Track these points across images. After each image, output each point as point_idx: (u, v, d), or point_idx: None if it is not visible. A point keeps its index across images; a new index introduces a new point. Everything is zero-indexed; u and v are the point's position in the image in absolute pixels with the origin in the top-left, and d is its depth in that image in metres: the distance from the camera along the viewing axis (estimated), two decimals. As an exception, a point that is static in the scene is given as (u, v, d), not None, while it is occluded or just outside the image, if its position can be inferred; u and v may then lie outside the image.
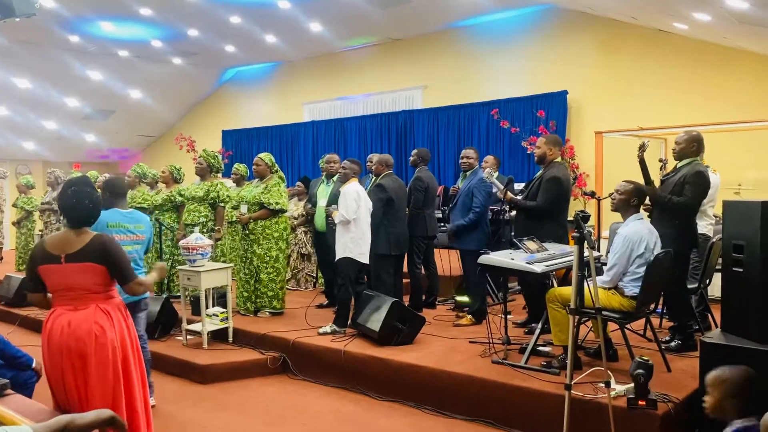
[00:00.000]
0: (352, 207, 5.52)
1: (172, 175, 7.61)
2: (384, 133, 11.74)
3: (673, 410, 3.67)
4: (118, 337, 3.08)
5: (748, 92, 7.91)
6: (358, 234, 5.57)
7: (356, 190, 5.60)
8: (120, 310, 3.17)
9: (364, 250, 5.59)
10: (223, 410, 4.60)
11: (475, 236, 5.84)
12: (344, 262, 5.59)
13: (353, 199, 5.53)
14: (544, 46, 9.92)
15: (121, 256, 3.12)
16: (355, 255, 5.56)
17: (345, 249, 5.59)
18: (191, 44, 11.66)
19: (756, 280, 3.69)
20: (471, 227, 5.83)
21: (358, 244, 5.56)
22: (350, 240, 5.57)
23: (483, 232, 5.89)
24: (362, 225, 5.59)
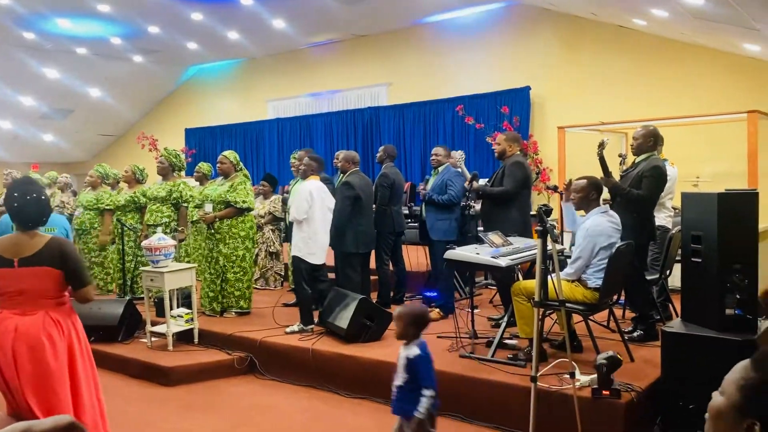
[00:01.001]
0: (302, 207, 5.48)
1: (135, 175, 7.46)
2: (350, 129, 11.72)
3: (636, 399, 3.74)
4: (66, 344, 3.00)
5: (706, 87, 8.11)
6: (309, 234, 5.54)
7: (309, 190, 5.54)
8: (70, 316, 3.09)
9: (314, 251, 5.57)
10: (189, 412, 4.53)
11: (451, 227, 5.95)
12: (296, 261, 5.62)
13: (304, 198, 5.49)
14: (507, 43, 10.01)
15: (80, 260, 3.04)
16: (303, 255, 5.54)
17: (296, 248, 5.60)
18: (152, 41, 11.46)
19: (713, 270, 3.79)
20: (447, 216, 5.91)
21: (308, 244, 5.54)
22: (300, 240, 5.55)
23: (459, 223, 5.99)
24: (315, 225, 5.55)
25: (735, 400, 1.26)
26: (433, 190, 6.05)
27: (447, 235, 5.94)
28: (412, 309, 3.30)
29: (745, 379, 1.26)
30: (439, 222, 6.00)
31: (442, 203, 5.96)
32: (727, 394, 1.28)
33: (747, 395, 1.24)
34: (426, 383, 3.07)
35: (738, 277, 3.74)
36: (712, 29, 6.88)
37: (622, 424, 3.61)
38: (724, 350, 3.57)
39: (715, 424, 1.31)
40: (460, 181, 6.02)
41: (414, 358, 3.13)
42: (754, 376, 1.25)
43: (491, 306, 6.47)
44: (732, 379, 1.29)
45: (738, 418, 1.25)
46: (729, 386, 1.29)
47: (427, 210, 6.17)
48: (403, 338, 3.21)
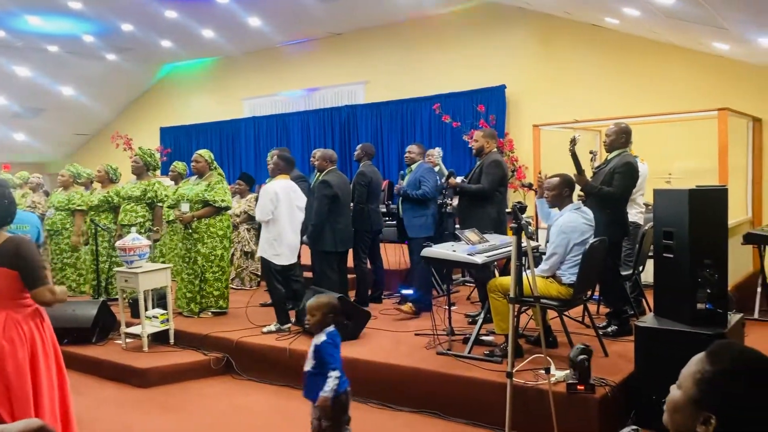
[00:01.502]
0: (267, 207, 5.45)
1: (108, 174, 7.36)
2: (327, 128, 11.69)
3: (611, 393, 3.79)
4: (28, 347, 2.95)
5: (677, 85, 8.23)
6: (274, 235, 5.51)
7: (275, 190, 5.49)
8: (33, 319, 3.03)
9: (279, 252, 5.54)
10: (165, 413, 4.49)
11: (427, 223, 5.99)
12: (264, 261, 5.62)
13: (269, 199, 5.46)
14: (483, 41, 10.05)
15: (34, 259, 2.96)
16: (269, 256, 5.52)
17: (262, 249, 5.59)
18: (125, 39, 11.30)
19: (685, 265, 3.85)
20: (422, 212, 5.94)
21: (273, 245, 5.52)
22: (266, 241, 5.53)
23: (435, 220, 6.03)
24: (280, 226, 5.51)
25: (691, 393, 1.27)
26: (408, 187, 6.08)
27: (423, 231, 5.98)
28: (327, 300, 3.44)
29: (701, 373, 1.27)
30: (415, 219, 6.05)
31: (416, 198, 6.00)
32: (684, 387, 1.29)
33: (702, 388, 1.25)
34: (332, 366, 3.23)
35: (709, 272, 3.81)
36: (682, 28, 6.98)
37: (597, 419, 3.66)
38: (696, 344, 3.56)
39: (673, 418, 1.32)
40: (433, 176, 6.08)
41: (321, 344, 3.30)
42: (710, 369, 1.26)
43: (469, 303, 6.51)
44: (688, 373, 1.30)
45: (694, 411, 1.26)
46: (686, 380, 1.30)
47: (404, 208, 6.20)
48: (320, 329, 3.35)
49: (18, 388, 2.90)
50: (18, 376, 2.90)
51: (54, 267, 7.74)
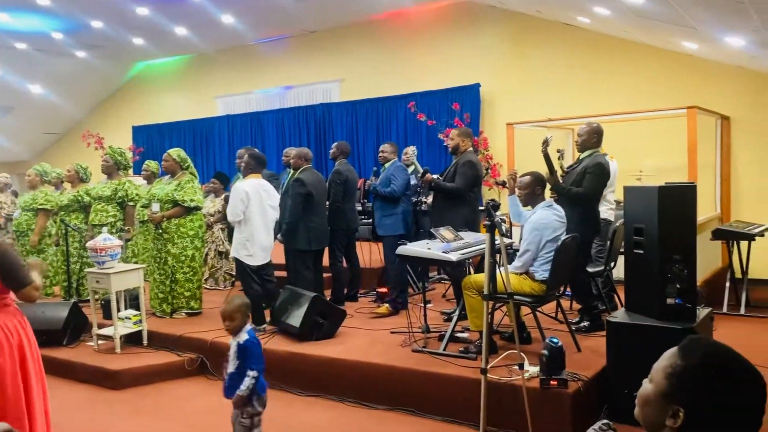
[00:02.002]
0: (237, 208, 5.41)
1: (78, 174, 7.24)
2: (302, 126, 11.64)
3: (583, 388, 3.84)
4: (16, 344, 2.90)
5: (647, 83, 8.35)
6: (246, 235, 5.48)
7: (245, 189, 5.45)
8: (16, 317, 2.99)
9: (251, 252, 5.51)
10: (138, 415, 4.44)
11: (397, 222, 5.99)
12: (237, 262, 5.60)
13: (239, 199, 5.42)
14: (457, 40, 10.10)
15: (13, 260, 2.92)
16: (242, 256, 5.49)
17: (235, 249, 5.57)
18: (95, 37, 11.13)
19: (655, 261, 3.92)
20: (392, 211, 5.95)
21: (245, 245, 5.49)
22: (238, 241, 5.50)
23: (405, 218, 6.03)
24: (252, 225, 5.47)
25: (662, 387, 1.29)
26: (379, 184, 6.09)
27: (393, 229, 6.00)
28: (241, 301, 3.45)
29: (672, 367, 1.28)
30: (385, 217, 6.06)
31: (385, 195, 6.00)
32: (655, 381, 1.31)
33: (673, 382, 1.27)
34: (253, 366, 3.29)
35: (678, 268, 3.88)
36: (652, 27, 7.09)
37: (570, 413, 3.70)
38: (666, 338, 3.66)
39: (643, 411, 1.33)
40: (403, 175, 6.09)
41: (245, 343, 3.34)
42: (681, 363, 1.28)
43: (444, 300, 6.54)
44: (660, 367, 1.31)
45: (664, 405, 1.27)
46: (657, 374, 1.31)
47: (375, 206, 6.21)
48: (238, 331, 3.37)
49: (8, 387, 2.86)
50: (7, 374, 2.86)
51: (21, 269, 7.59)
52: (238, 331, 3.38)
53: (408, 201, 6.17)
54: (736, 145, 7.99)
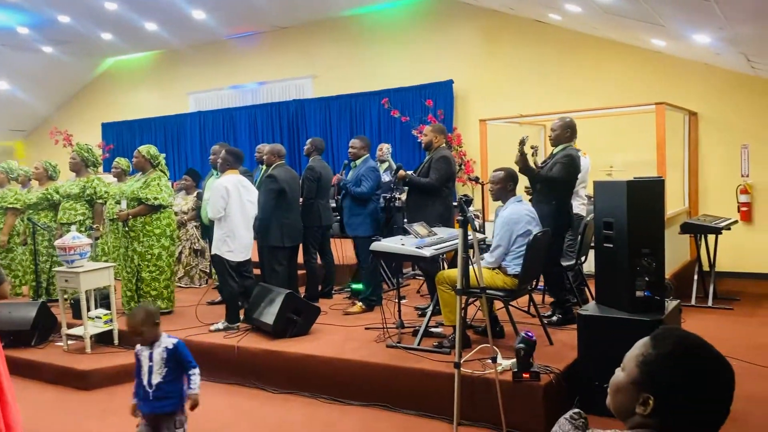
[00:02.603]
0: (218, 204, 5.37)
1: (47, 171, 7.11)
2: (275, 122, 11.56)
3: (555, 380, 3.89)
4: None
5: (618, 80, 8.47)
6: (227, 231, 5.44)
7: (225, 186, 5.41)
8: None
9: (232, 248, 5.47)
10: (109, 416, 4.38)
11: (365, 222, 5.92)
12: (217, 258, 5.52)
13: (220, 195, 5.38)
14: (430, 36, 10.12)
15: None
16: (222, 253, 5.45)
17: (215, 246, 5.51)
18: (63, 32, 10.91)
19: (624, 255, 3.98)
20: (360, 211, 5.89)
21: (226, 242, 5.44)
22: (219, 237, 5.46)
23: (373, 219, 5.96)
24: (232, 222, 5.44)
25: (633, 375, 1.31)
26: (349, 182, 6.00)
27: (362, 231, 5.90)
28: (146, 311, 3.35)
29: (643, 355, 1.31)
30: (353, 217, 5.97)
31: (355, 195, 5.90)
32: (627, 369, 1.34)
33: (644, 370, 1.29)
34: (192, 362, 3.31)
35: (647, 261, 3.94)
36: (622, 24, 7.18)
37: (542, 405, 3.74)
38: (635, 330, 3.74)
39: (614, 399, 1.36)
40: (375, 176, 5.96)
41: (174, 346, 3.31)
42: (652, 352, 1.30)
43: (419, 296, 6.56)
44: (632, 356, 1.34)
45: (634, 393, 1.30)
46: (629, 362, 1.34)
47: (344, 204, 6.13)
48: (155, 340, 3.31)
49: None
50: None
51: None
52: (155, 340, 3.30)
53: (377, 201, 6.09)
54: (704, 141, 8.15)
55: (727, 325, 5.80)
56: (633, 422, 1.31)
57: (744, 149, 7.90)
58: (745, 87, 7.83)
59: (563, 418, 1.42)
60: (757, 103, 7.79)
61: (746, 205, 7.83)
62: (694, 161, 8.16)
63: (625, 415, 1.33)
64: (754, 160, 7.85)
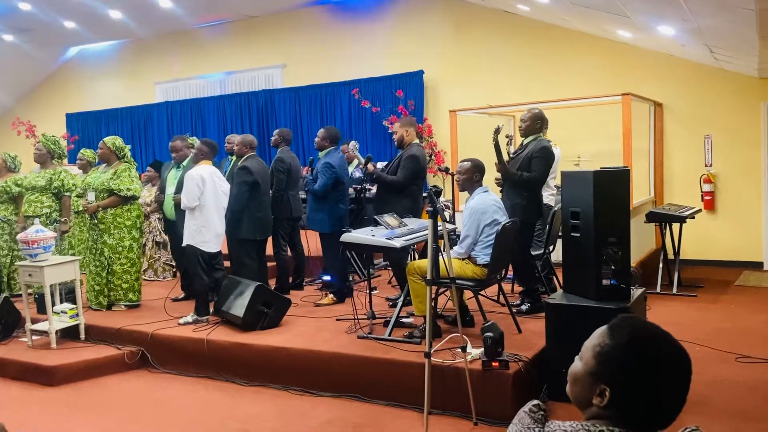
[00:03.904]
0: (193, 193, 5.31)
1: (6, 163, 6.92)
2: (244, 113, 11.43)
3: (524, 368, 3.94)
4: None
5: (585, 71, 8.56)
6: (201, 221, 5.38)
7: (200, 175, 5.36)
8: None
9: (207, 239, 5.42)
10: (76, 412, 4.31)
11: (323, 219, 5.84)
12: (190, 250, 5.44)
13: (195, 184, 5.32)
14: (400, 26, 10.09)
15: None
16: (197, 243, 5.39)
17: (189, 236, 5.42)
18: (24, 19, 10.61)
19: (590, 244, 4.03)
20: (320, 207, 5.83)
21: (201, 232, 5.39)
22: (193, 228, 5.39)
23: (332, 215, 5.85)
24: (207, 212, 5.39)
25: (590, 365, 1.30)
26: (309, 178, 5.94)
27: (321, 227, 5.86)
28: None
29: (600, 346, 1.30)
30: (313, 213, 5.91)
31: (311, 191, 5.82)
32: (585, 359, 1.33)
33: (600, 361, 1.28)
34: None
35: (613, 250, 4.00)
36: (588, 16, 7.26)
37: (511, 393, 3.79)
38: (601, 318, 3.74)
39: (573, 388, 1.35)
40: (329, 173, 5.74)
41: None
42: (609, 343, 1.29)
43: (390, 287, 6.58)
44: (589, 345, 1.33)
45: (592, 383, 1.29)
46: (586, 352, 1.33)
47: (308, 198, 6.05)
48: None
49: None
50: None
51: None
52: None
53: (339, 199, 5.90)
54: (669, 131, 8.30)
55: (690, 312, 5.94)
56: (590, 413, 1.31)
57: (707, 139, 8.06)
58: (708, 78, 7.98)
59: (522, 411, 1.40)
60: (720, 94, 7.95)
61: (709, 194, 8.00)
62: (660, 151, 8.30)
63: (583, 405, 1.33)
64: (717, 150, 8.02)
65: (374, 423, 3.90)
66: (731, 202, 7.97)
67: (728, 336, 5.07)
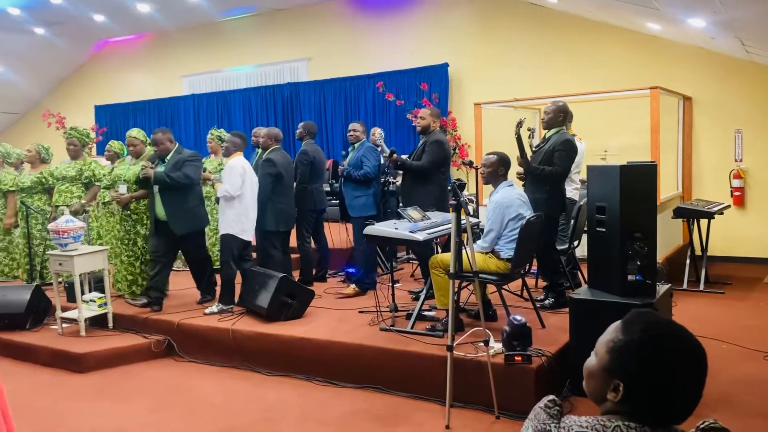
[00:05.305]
0: (237, 182, 5.39)
1: (40, 154, 7.07)
2: (269, 106, 11.51)
3: (547, 363, 3.92)
4: None
5: (612, 63, 8.45)
6: (241, 210, 5.45)
7: (242, 165, 5.47)
8: None
9: (246, 227, 5.49)
10: (104, 399, 4.40)
11: (368, 203, 5.95)
12: (226, 238, 5.48)
13: (239, 174, 5.41)
14: (425, 19, 10.06)
15: None
16: (236, 232, 5.45)
17: (227, 225, 5.47)
18: (55, 13, 10.79)
19: (616, 239, 4.00)
20: (363, 192, 5.93)
21: (241, 221, 5.45)
22: (232, 216, 5.45)
23: (376, 199, 5.99)
24: (246, 201, 5.48)
25: (604, 361, 1.30)
26: (350, 167, 6.04)
27: (365, 210, 5.96)
28: None
29: (613, 341, 1.29)
30: (356, 199, 6.00)
31: (358, 179, 5.95)
32: (599, 355, 1.32)
33: (614, 357, 1.28)
34: None
35: (639, 245, 3.96)
36: (616, 8, 7.15)
37: (533, 388, 3.77)
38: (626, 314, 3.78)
39: (588, 384, 1.35)
40: (375, 156, 6.03)
41: None
42: (622, 338, 1.28)
43: (412, 280, 6.59)
44: (604, 341, 1.32)
45: (606, 379, 1.29)
46: (601, 347, 1.32)
47: (345, 187, 6.15)
48: None
49: None
50: None
51: (-15, 251, 7.43)
52: None
53: (378, 182, 6.13)
54: (698, 126, 8.16)
55: (718, 309, 5.85)
56: (605, 408, 1.31)
57: (738, 134, 7.91)
58: (739, 71, 7.83)
59: (538, 406, 1.39)
60: (751, 87, 7.79)
61: (739, 190, 7.86)
62: (688, 146, 8.17)
63: (598, 400, 1.32)
64: (747, 145, 7.87)
65: (396, 414, 3.92)
66: (762, 198, 7.82)
67: (756, 334, 4.99)
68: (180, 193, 5.52)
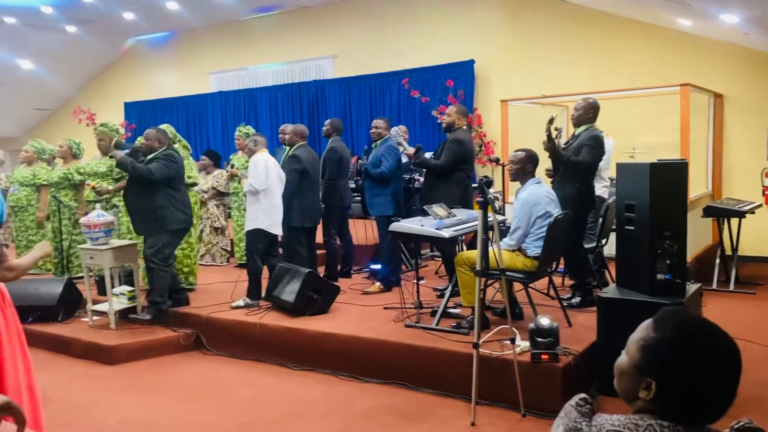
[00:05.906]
0: (261, 176, 5.44)
1: (71, 150, 7.20)
2: (295, 103, 11.56)
3: (574, 362, 3.90)
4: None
5: (641, 60, 8.32)
6: (269, 205, 5.50)
7: (265, 160, 5.52)
8: None
9: (276, 221, 5.54)
10: (133, 391, 4.48)
11: (387, 202, 5.91)
12: (254, 233, 5.53)
13: (262, 167, 5.45)
14: (452, 16, 10.02)
15: None
16: (266, 226, 5.50)
17: (255, 220, 5.51)
18: (86, 11, 10.96)
19: (645, 237, 3.95)
20: (381, 191, 5.90)
21: (270, 215, 5.50)
22: (261, 211, 5.50)
23: (395, 198, 5.95)
24: (273, 196, 5.52)
25: (635, 359, 1.29)
26: (369, 165, 6.01)
27: (384, 209, 5.91)
28: None
29: (645, 339, 1.29)
30: (375, 198, 5.98)
31: (375, 176, 5.90)
32: (630, 353, 1.32)
33: (645, 355, 1.27)
34: None
35: (668, 244, 3.91)
36: (644, 4, 7.05)
37: (560, 387, 3.75)
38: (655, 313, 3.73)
39: (619, 382, 1.35)
40: (394, 155, 5.92)
41: None
42: (653, 336, 1.28)
43: (437, 277, 6.59)
44: (634, 339, 1.32)
45: (637, 377, 1.28)
46: (632, 345, 1.32)
47: (365, 185, 6.14)
48: None
49: None
50: None
51: (19, 245, 7.59)
52: None
53: (399, 181, 6.08)
54: (729, 123, 8.02)
55: (748, 310, 5.75)
56: (636, 406, 1.30)
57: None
58: (773, 68, 7.67)
59: (569, 404, 1.39)
60: (785, 85, 7.62)
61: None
62: (719, 144, 8.03)
63: (629, 398, 1.32)
64: (780, 143, 7.70)
65: (420, 410, 3.93)
66: (794, 198, 7.65)
67: (788, 335, 4.90)
68: (146, 192, 5.25)
